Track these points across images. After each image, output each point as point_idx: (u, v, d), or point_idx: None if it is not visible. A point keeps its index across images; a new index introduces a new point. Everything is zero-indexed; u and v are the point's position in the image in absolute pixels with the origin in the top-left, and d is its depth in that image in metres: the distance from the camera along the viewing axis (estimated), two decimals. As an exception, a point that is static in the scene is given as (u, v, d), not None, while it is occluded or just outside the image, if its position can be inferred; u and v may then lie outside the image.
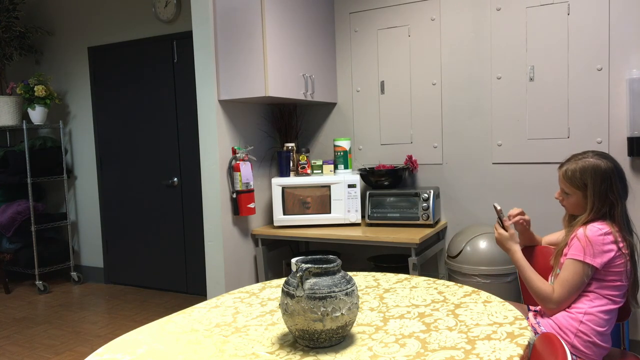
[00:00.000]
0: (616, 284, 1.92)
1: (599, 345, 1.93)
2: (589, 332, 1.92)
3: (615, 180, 1.94)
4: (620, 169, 1.97)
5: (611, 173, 1.94)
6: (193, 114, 4.50)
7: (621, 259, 1.90)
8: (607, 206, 1.93)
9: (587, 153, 2.02)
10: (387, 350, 1.41)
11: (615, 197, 1.93)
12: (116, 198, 5.01)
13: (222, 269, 3.26)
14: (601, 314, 1.93)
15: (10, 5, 4.96)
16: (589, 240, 1.88)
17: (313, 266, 1.44)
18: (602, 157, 1.98)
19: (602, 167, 1.94)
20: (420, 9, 3.47)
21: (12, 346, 3.61)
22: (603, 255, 1.87)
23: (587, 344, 1.92)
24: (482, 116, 3.34)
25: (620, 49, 2.95)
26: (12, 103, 4.93)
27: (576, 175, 1.97)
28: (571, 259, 1.90)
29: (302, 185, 3.37)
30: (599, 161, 1.96)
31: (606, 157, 1.98)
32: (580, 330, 1.92)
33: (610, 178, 1.93)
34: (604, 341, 1.94)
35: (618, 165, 1.98)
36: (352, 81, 3.74)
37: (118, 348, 1.51)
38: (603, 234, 1.89)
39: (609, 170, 1.94)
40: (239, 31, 3.11)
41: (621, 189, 1.96)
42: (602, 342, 1.94)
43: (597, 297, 1.93)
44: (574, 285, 1.89)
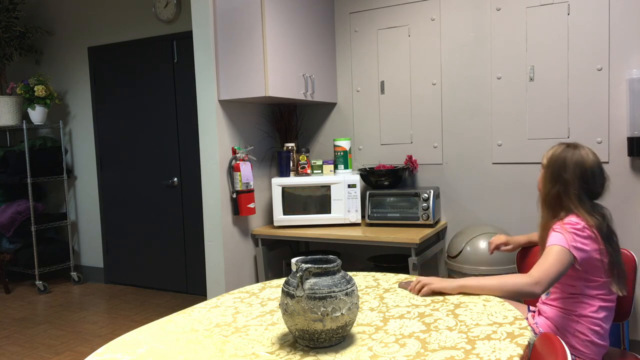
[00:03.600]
0: (600, 281, 1.91)
1: (597, 344, 1.93)
2: (586, 331, 1.92)
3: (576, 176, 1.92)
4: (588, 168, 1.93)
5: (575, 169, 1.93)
6: (193, 113, 4.50)
7: (597, 254, 1.88)
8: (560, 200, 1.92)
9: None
10: (387, 350, 1.41)
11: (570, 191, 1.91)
12: (116, 198, 5.01)
13: (222, 269, 3.26)
14: (595, 314, 1.92)
15: (10, 5, 4.96)
16: (565, 231, 1.85)
17: (313, 266, 1.44)
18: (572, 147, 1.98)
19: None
20: (420, 9, 3.47)
21: (12, 346, 3.61)
22: (581, 249, 1.84)
23: (586, 343, 1.93)
24: (482, 116, 3.34)
25: (620, 49, 2.95)
26: (12, 103, 4.93)
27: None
28: (550, 246, 1.85)
29: (302, 185, 3.37)
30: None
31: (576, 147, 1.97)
32: (578, 330, 1.93)
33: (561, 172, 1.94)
34: (602, 339, 1.95)
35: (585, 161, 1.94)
36: (352, 81, 3.74)
37: (118, 348, 1.51)
38: (580, 228, 1.86)
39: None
40: (239, 31, 3.11)
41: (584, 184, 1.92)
42: (600, 341, 1.94)
43: (588, 297, 1.93)
44: (552, 264, 1.79)
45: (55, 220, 5.14)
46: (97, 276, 5.21)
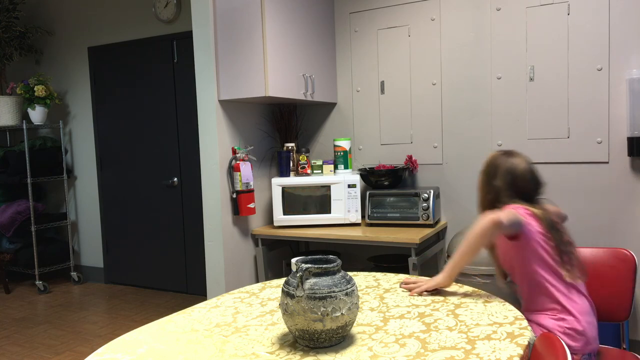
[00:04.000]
0: (552, 267, 1.93)
1: (582, 333, 1.91)
2: (570, 325, 1.91)
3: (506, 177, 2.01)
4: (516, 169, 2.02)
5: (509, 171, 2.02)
6: (193, 113, 4.50)
7: (541, 237, 1.91)
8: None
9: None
10: (387, 350, 1.41)
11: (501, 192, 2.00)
12: (116, 198, 5.01)
13: (222, 269, 3.26)
14: (568, 304, 1.92)
15: (10, 5, 4.96)
16: (509, 209, 1.91)
17: (313, 266, 1.44)
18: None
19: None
20: (420, 9, 3.47)
21: (12, 346, 3.61)
22: (527, 221, 1.89)
23: (572, 337, 1.91)
24: (482, 116, 3.34)
25: (620, 49, 2.95)
26: (12, 103, 4.93)
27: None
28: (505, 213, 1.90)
29: (302, 185, 3.37)
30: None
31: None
32: (563, 326, 1.92)
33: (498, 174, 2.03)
34: (588, 329, 1.92)
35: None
36: (352, 81, 3.74)
37: (118, 348, 1.51)
38: (522, 207, 1.93)
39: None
40: (239, 31, 3.11)
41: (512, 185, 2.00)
42: (586, 331, 1.91)
43: (548, 288, 1.94)
44: (508, 211, 1.87)
45: (55, 220, 5.14)
46: (97, 276, 5.21)
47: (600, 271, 2.29)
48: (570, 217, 3.14)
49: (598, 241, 3.07)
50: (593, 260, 2.32)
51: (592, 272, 2.30)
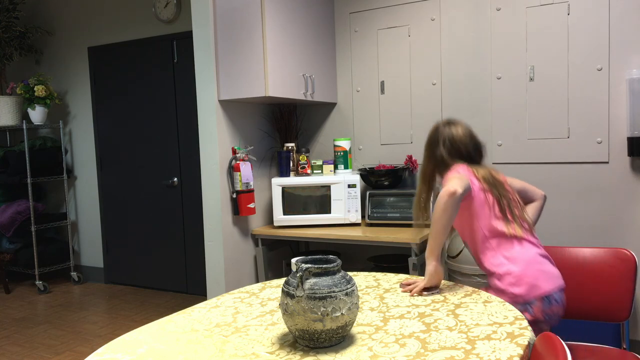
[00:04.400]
0: (492, 219, 1.99)
1: (525, 280, 1.93)
2: (513, 276, 1.94)
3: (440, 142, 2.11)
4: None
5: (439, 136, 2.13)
6: (193, 114, 4.50)
7: (482, 192, 1.99)
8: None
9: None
10: (387, 350, 1.41)
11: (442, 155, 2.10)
12: (116, 198, 5.01)
13: (222, 269, 3.26)
14: (511, 256, 1.97)
15: (10, 5, 4.96)
16: (454, 175, 1.99)
17: (313, 266, 1.44)
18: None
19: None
20: (420, 9, 3.47)
21: (12, 346, 3.61)
22: (472, 181, 1.98)
23: (516, 285, 1.93)
24: (482, 116, 3.34)
25: (620, 49, 2.95)
26: (12, 103, 4.93)
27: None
28: (447, 176, 2.00)
29: (302, 185, 3.37)
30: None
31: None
32: (509, 280, 1.95)
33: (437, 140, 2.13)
34: (531, 275, 1.93)
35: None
36: (352, 81, 3.74)
37: (118, 348, 1.51)
38: (464, 169, 2.03)
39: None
40: (239, 31, 3.11)
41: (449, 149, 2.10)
42: (528, 276, 1.93)
43: (489, 239, 2.00)
44: (455, 177, 1.94)
45: (55, 220, 5.14)
46: (97, 276, 5.21)
47: (600, 271, 2.29)
48: (571, 217, 3.14)
49: (598, 241, 3.07)
50: (593, 260, 2.32)
51: (592, 272, 2.30)
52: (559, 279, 1.98)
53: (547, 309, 1.90)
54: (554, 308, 1.91)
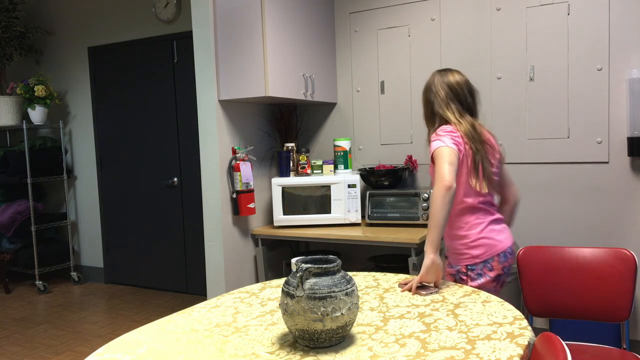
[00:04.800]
0: (463, 178, 2.10)
1: (482, 243, 2.09)
2: (471, 237, 2.11)
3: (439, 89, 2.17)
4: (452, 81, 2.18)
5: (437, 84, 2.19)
6: (193, 114, 4.50)
7: (463, 152, 2.07)
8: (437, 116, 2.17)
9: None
10: (387, 350, 1.42)
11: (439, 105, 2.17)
12: (116, 198, 5.01)
13: (222, 269, 3.26)
14: (468, 216, 2.12)
15: (10, 5, 4.96)
16: (441, 136, 2.05)
17: (313, 266, 1.44)
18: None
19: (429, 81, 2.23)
20: (420, 9, 3.47)
21: (12, 346, 3.61)
22: (457, 145, 2.04)
23: (475, 247, 2.10)
24: (482, 116, 3.34)
25: (620, 49, 2.95)
26: (12, 103, 4.93)
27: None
28: (435, 151, 2.03)
29: (302, 185, 3.37)
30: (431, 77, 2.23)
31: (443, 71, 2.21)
32: (466, 243, 2.11)
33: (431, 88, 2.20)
34: (487, 236, 2.10)
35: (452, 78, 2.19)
36: (352, 81, 3.74)
37: (118, 348, 1.51)
38: (450, 131, 2.07)
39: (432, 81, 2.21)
40: (239, 31, 3.11)
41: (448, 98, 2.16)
42: (485, 239, 2.09)
43: (460, 200, 2.13)
44: (445, 161, 1.98)
45: (55, 220, 5.14)
46: (97, 276, 5.21)
47: (600, 271, 2.29)
48: (571, 217, 3.14)
49: (598, 241, 3.07)
50: (593, 260, 2.32)
51: (592, 272, 2.30)
52: (510, 237, 2.16)
53: (505, 262, 2.11)
54: (510, 260, 2.12)
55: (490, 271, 2.10)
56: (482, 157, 2.10)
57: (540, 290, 2.36)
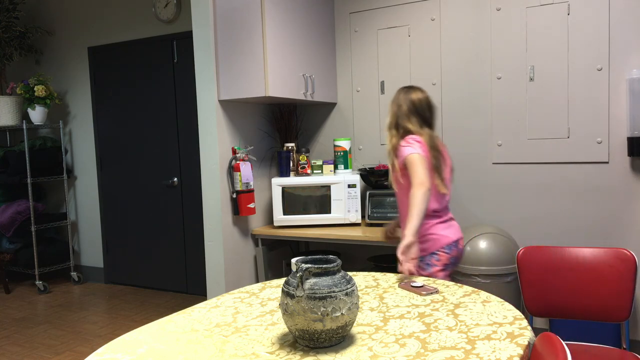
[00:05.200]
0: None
1: (432, 238, 2.39)
2: (420, 233, 2.37)
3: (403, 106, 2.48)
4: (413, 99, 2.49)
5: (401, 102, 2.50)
6: (193, 114, 4.50)
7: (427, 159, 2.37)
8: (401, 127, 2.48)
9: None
10: (387, 350, 1.42)
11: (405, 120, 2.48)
12: (116, 198, 5.01)
13: (222, 269, 3.26)
14: (433, 214, 2.42)
15: (10, 5, 4.96)
16: (410, 143, 2.36)
17: (313, 266, 1.44)
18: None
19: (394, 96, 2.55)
20: (420, 9, 3.47)
21: (12, 346, 3.61)
22: (423, 149, 2.35)
23: (429, 242, 2.40)
24: (482, 116, 3.34)
25: (620, 49, 2.95)
26: (12, 103, 4.93)
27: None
28: (407, 157, 2.33)
29: (302, 185, 3.37)
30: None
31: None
32: (424, 233, 2.41)
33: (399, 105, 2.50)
34: (438, 232, 2.40)
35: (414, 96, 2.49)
36: (352, 81, 3.74)
37: (118, 348, 1.51)
38: (416, 139, 2.38)
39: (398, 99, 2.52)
40: (239, 31, 3.11)
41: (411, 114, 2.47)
42: (436, 233, 2.40)
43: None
44: (420, 166, 2.29)
45: (55, 220, 5.14)
46: (97, 276, 5.21)
47: (600, 271, 2.29)
48: (570, 217, 3.14)
49: (598, 241, 3.07)
50: (593, 260, 2.32)
51: (592, 272, 2.30)
52: (456, 233, 2.45)
53: (450, 254, 2.40)
54: (455, 252, 2.42)
55: (438, 261, 2.39)
56: (440, 163, 2.41)
57: (540, 290, 2.36)
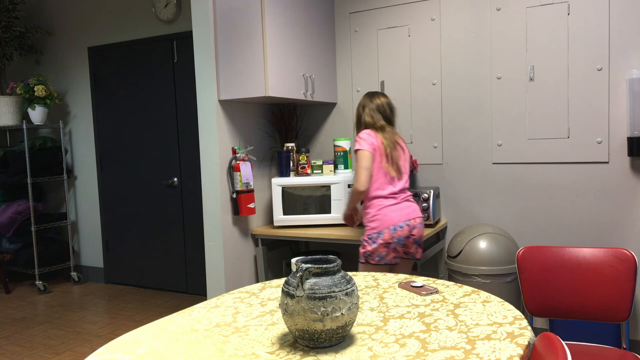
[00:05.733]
0: (379, 165, 2.75)
1: (377, 218, 2.73)
2: (369, 214, 2.77)
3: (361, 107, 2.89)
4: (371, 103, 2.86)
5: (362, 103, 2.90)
6: (193, 114, 4.50)
7: (377, 147, 2.74)
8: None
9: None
10: (387, 350, 1.42)
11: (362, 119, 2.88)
12: (116, 198, 5.01)
13: (222, 269, 3.26)
14: (374, 200, 2.76)
15: (10, 5, 4.96)
16: (361, 138, 2.75)
17: (313, 266, 1.44)
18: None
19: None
20: (420, 9, 3.47)
21: (12, 346, 3.61)
22: (371, 144, 2.73)
23: (372, 221, 2.75)
24: (482, 116, 3.34)
25: (620, 49, 2.95)
26: (12, 103, 4.93)
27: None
28: (356, 151, 2.75)
29: (302, 185, 3.37)
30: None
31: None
32: (368, 219, 2.78)
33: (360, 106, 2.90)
34: (382, 212, 2.74)
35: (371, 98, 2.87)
36: (352, 81, 3.74)
37: (118, 348, 1.51)
38: (368, 132, 2.78)
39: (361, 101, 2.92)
40: (239, 31, 3.11)
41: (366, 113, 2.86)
42: (380, 214, 2.73)
43: (371, 187, 2.78)
44: (361, 164, 2.70)
45: (55, 220, 5.14)
46: (97, 276, 5.21)
47: (600, 271, 2.29)
48: (570, 217, 3.14)
49: (598, 241, 3.07)
50: (593, 260, 2.32)
51: (592, 272, 2.30)
52: (406, 215, 2.75)
53: (394, 234, 2.71)
54: (399, 232, 2.72)
55: (382, 239, 2.71)
56: (392, 150, 2.77)
57: (540, 290, 2.36)
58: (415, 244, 2.82)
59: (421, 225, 2.82)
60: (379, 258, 2.72)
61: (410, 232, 2.76)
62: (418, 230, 2.80)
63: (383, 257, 2.72)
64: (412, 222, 2.76)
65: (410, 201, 2.83)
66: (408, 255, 2.87)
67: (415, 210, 2.81)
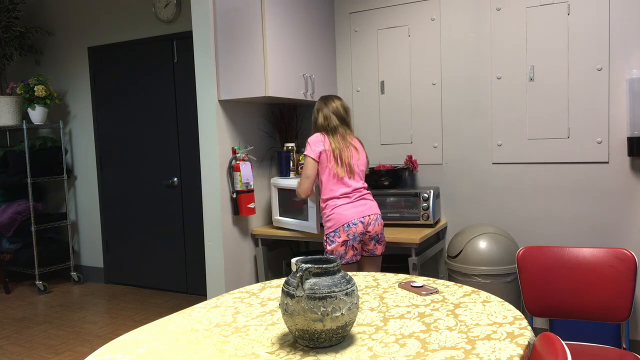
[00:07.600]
0: (330, 167, 2.83)
1: (332, 218, 2.80)
2: (325, 214, 2.85)
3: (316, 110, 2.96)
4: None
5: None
6: (193, 114, 4.50)
7: (327, 151, 2.83)
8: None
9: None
10: (387, 350, 1.42)
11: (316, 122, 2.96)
12: (116, 198, 5.01)
13: (222, 269, 3.26)
14: (329, 201, 2.83)
15: (10, 5, 4.96)
16: (310, 144, 2.86)
17: (313, 266, 1.44)
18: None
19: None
20: (420, 9, 3.47)
21: (12, 346, 3.61)
22: (319, 149, 2.83)
23: (328, 220, 2.82)
24: (482, 116, 3.34)
25: (620, 49, 2.95)
26: (12, 103, 4.93)
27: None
28: (304, 156, 2.91)
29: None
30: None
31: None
32: (324, 219, 2.85)
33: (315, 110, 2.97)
34: (337, 211, 2.79)
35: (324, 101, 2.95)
36: (352, 81, 3.74)
37: (118, 348, 1.51)
38: (317, 137, 2.87)
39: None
40: (239, 31, 3.11)
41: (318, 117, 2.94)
42: (335, 214, 2.79)
43: (326, 184, 2.86)
44: (305, 172, 2.86)
45: (55, 220, 5.14)
46: (97, 276, 5.21)
47: (600, 271, 2.29)
48: (570, 217, 3.14)
49: (598, 241, 3.07)
50: (593, 260, 2.32)
51: (592, 272, 2.30)
52: (359, 213, 2.79)
53: (349, 230, 2.76)
54: (353, 229, 2.77)
55: (339, 238, 2.77)
56: (341, 151, 2.83)
57: (540, 290, 2.36)
58: (372, 240, 2.84)
59: (377, 222, 2.84)
60: (339, 257, 2.78)
61: (366, 228, 2.79)
62: (374, 227, 2.82)
63: (343, 255, 2.78)
64: (367, 219, 2.79)
65: (366, 199, 2.85)
66: (368, 252, 2.88)
67: (371, 207, 2.84)
